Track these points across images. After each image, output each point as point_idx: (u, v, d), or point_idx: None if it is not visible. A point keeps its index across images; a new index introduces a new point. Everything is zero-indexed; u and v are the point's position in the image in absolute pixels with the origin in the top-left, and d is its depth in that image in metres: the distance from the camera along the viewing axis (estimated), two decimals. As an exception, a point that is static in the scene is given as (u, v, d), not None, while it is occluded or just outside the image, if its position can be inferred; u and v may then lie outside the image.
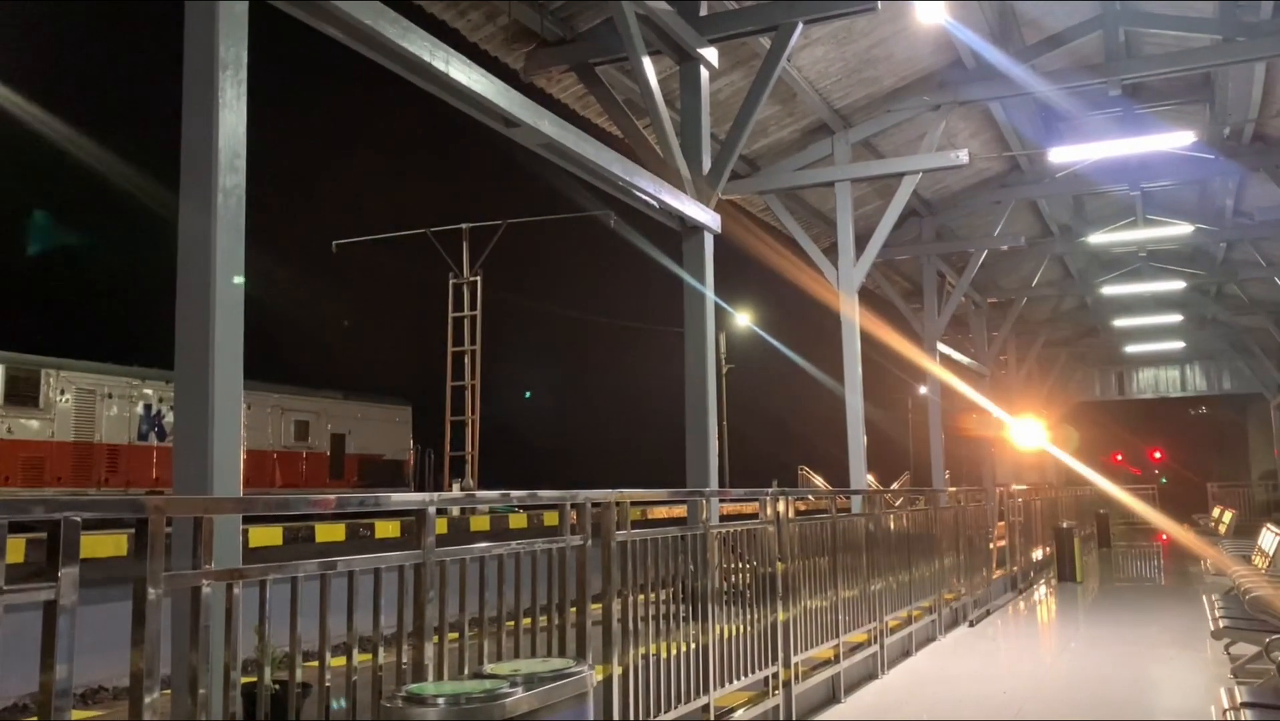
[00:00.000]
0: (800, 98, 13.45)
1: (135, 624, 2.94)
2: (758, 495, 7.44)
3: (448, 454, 25.74)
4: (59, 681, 2.71)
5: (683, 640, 5.76)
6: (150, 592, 2.93)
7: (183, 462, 4.41)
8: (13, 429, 19.50)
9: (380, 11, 5.69)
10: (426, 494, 4.17)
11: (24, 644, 2.94)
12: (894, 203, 13.75)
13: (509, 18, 10.08)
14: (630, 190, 9.05)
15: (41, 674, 2.72)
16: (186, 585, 3.14)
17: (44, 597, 2.71)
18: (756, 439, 36.90)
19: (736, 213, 15.62)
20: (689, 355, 9.73)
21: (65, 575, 2.72)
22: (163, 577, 2.99)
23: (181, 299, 4.54)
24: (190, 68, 4.64)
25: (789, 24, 10.07)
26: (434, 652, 3.99)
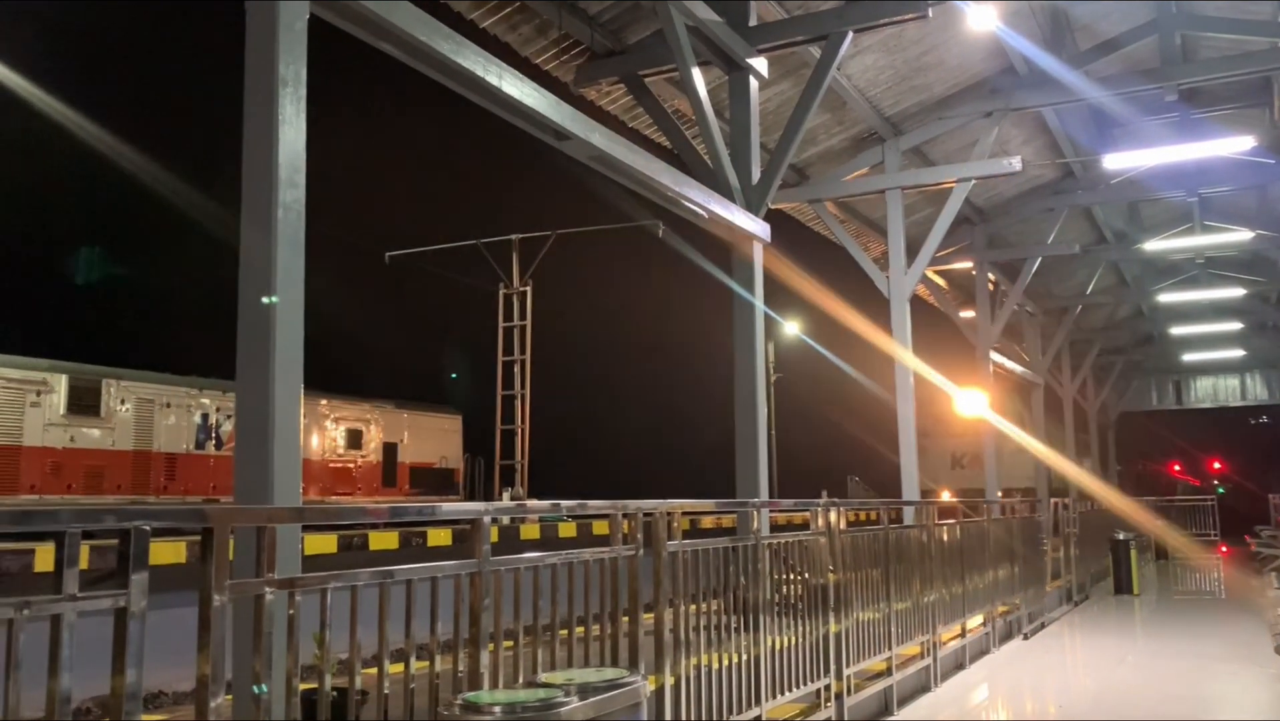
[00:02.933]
0: (850, 106, 13.41)
1: (201, 629, 3.01)
2: (808, 505, 7.41)
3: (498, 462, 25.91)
4: (129, 685, 2.79)
5: (734, 651, 5.76)
6: (215, 600, 3.00)
7: (244, 472, 4.50)
8: (75, 438, 19.95)
9: (435, 28, 5.78)
10: (482, 504, 4.22)
11: (79, 649, 3.01)
12: (945, 210, 13.65)
13: (559, 31, 10.18)
14: (679, 201, 9.08)
15: (113, 678, 2.80)
16: (250, 593, 3.20)
17: (115, 604, 2.80)
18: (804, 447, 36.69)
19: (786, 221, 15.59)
20: (738, 365, 9.73)
21: (135, 582, 2.80)
22: (227, 586, 3.06)
23: (243, 312, 4.64)
24: (251, 85, 4.75)
25: (839, 33, 10.06)
26: (489, 661, 4.03)
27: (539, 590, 4.45)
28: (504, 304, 26.03)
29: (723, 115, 10.71)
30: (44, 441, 19.33)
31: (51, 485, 19.23)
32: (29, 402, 19.14)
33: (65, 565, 2.69)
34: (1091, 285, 24.04)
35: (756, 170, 10.20)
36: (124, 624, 2.79)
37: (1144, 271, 24.86)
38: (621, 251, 39.01)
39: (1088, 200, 18.65)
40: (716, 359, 14.57)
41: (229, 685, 3.13)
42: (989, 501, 13.04)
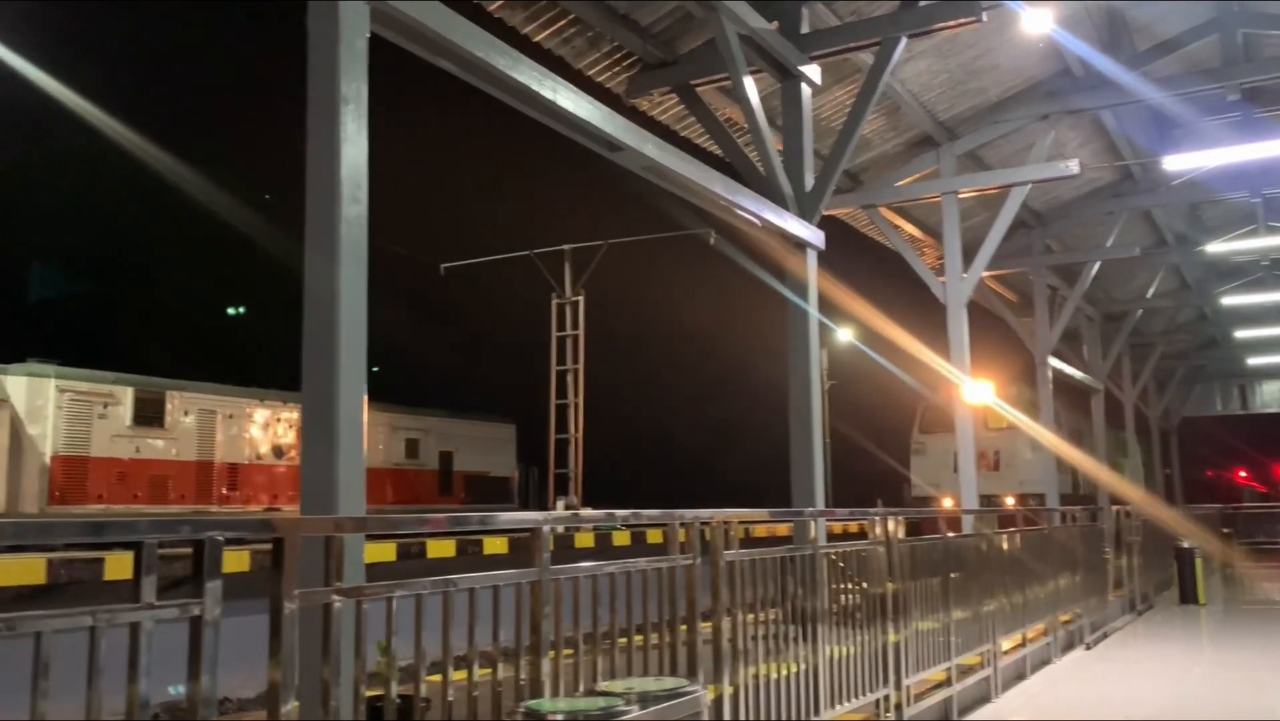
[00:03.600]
0: (904, 111, 13.34)
1: (272, 637, 3.08)
2: (865, 515, 7.37)
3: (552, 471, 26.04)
4: (204, 691, 2.86)
5: (793, 660, 5.74)
6: (286, 608, 3.07)
7: (310, 483, 4.58)
8: (140, 448, 20.41)
9: (491, 44, 5.86)
10: (541, 513, 4.26)
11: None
12: (1002, 215, 13.51)
13: (611, 43, 10.25)
14: (732, 209, 9.09)
15: (188, 683, 2.87)
16: (318, 601, 3.27)
17: (190, 613, 2.87)
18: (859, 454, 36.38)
19: (839, 227, 15.53)
20: (793, 373, 9.70)
21: (210, 591, 2.87)
22: (296, 594, 3.12)
23: (308, 326, 4.73)
24: (313, 103, 4.86)
25: (892, 38, 10.01)
26: (550, 668, 4.07)
27: (597, 598, 4.48)
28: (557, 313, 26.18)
29: (775, 123, 10.70)
30: (111, 452, 19.79)
31: (118, 495, 19.68)
32: (96, 415, 19.62)
33: (143, 574, 2.77)
34: (1152, 288, 23.61)
35: (810, 177, 10.18)
36: (199, 631, 2.86)
37: (1206, 274, 24.37)
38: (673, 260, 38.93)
39: (1148, 202, 18.35)
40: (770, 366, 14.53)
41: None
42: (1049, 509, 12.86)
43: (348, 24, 4.82)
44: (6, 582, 8.64)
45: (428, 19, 5.34)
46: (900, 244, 14.91)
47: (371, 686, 3.61)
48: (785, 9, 10.15)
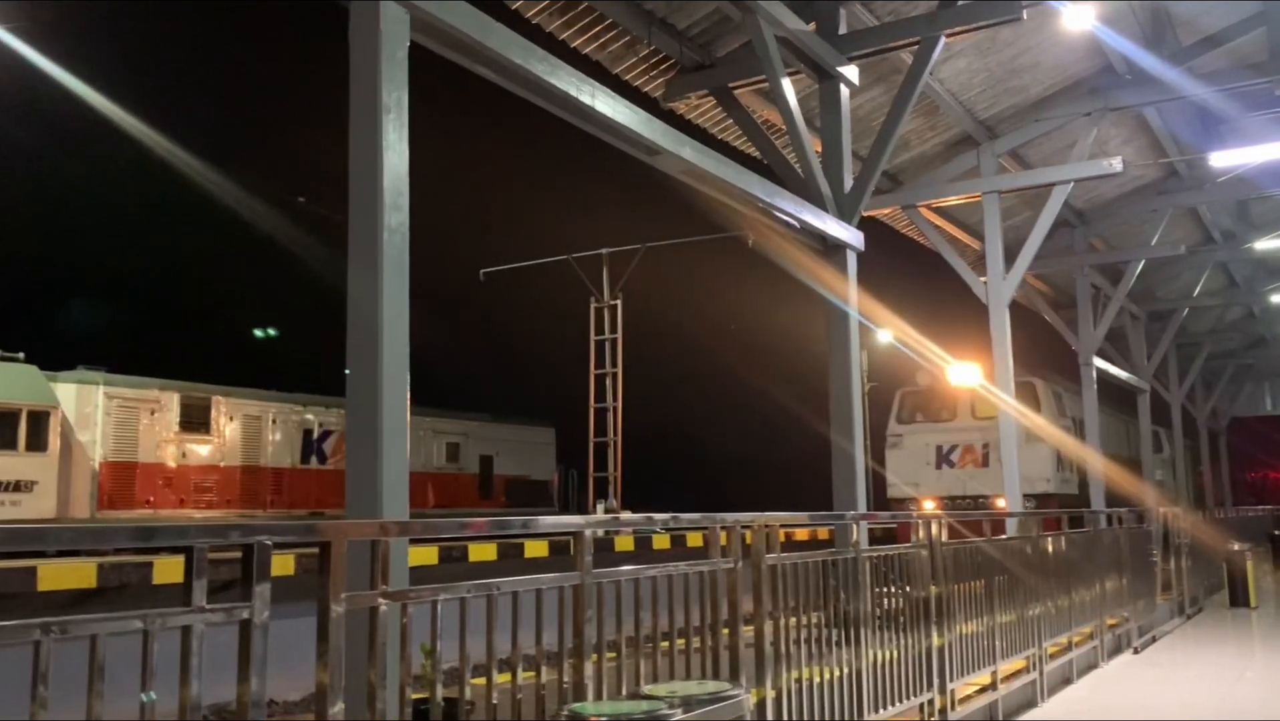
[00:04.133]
0: (943, 110, 13.24)
1: (320, 640, 3.12)
2: (907, 518, 7.33)
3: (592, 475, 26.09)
4: (254, 693, 2.91)
5: (835, 664, 5.72)
6: (333, 611, 3.11)
7: (355, 487, 4.63)
8: (186, 453, 20.71)
9: (530, 51, 5.90)
10: (583, 517, 4.28)
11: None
12: (1044, 214, 13.38)
13: (648, 47, 10.27)
14: (771, 211, 9.07)
15: (238, 685, 2.92)
16: (364, 605, 3.30)
17: (240, 616, 2.92)
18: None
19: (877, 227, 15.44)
20: (834, 376, 9.66)
21: (259, 594, 2.92)
22: (343, 597, 3.16)
23: (351, 331, 4.79)
24: (355, 112, 4.92)
25: (931, 38, 9.95)
26: (593, 672, 4.08)
27: (639, 602, 4.49)
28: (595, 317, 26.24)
29: (813, 124, 10.67)
30: (158, 457, 20.10)
31: (165, 499, 19.98)
32: (143, 421, 19.93)
33: (194, 578, 2.82)
34: (1199, 287, 23.24)
35: (849, 178, 10.13)
36: (249, 634, 2.91)
37: (1255, 271, 23.95)
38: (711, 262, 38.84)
39: (1193, 200, 18.08)
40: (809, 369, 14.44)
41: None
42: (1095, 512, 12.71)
43: (389, 33, 4.87)
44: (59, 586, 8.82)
45: (467, 27, 5.39)
46: (940, 244, 14.80)
47: (416, 689, 3.64)
48: (823, 10, 10.12)
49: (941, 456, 22.75)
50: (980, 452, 22.02)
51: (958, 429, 22.58)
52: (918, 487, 22.43)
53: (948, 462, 22.62)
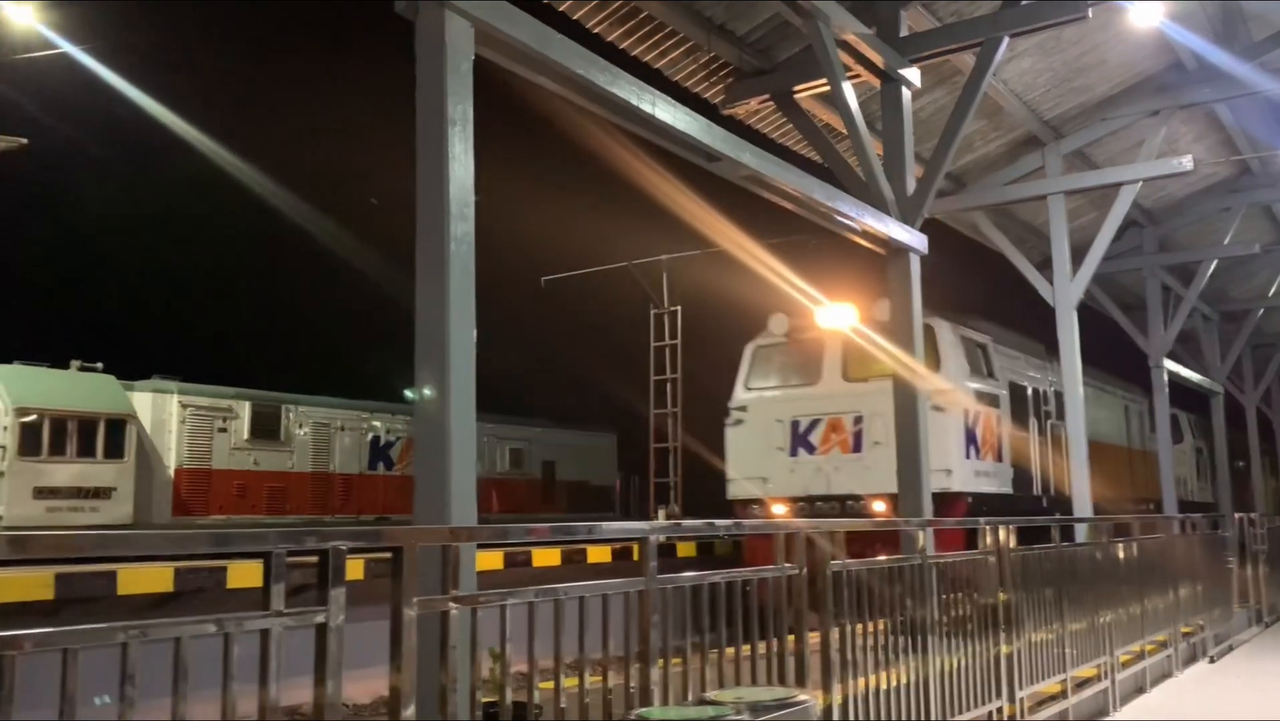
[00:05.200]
0: (1007, 110, 13.08)
1: (393, 643, 3.19)
2: (974, 524, 7.25)
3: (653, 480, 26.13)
4: (329, 696, 2.98)
5: (902, 671, 5.68)
6: (406, 615, 3.18)
7: (424, 494, 4.71)
8: (259, 460, 21.16)
9: (591, 61, 5.96)
10: (647, 523, 4.32)
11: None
12: (1112, 214, 13.14)
13: (708, 54, 10.29)
14: (832, 215, 9.02)
15: (315, 688, 2.99)
16: (435, 609, 3.37)
17: (315, 620, 2.99)
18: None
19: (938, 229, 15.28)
20: (897, 381, 9.59)
21: (334, 598, 2.99)
22: (415, 602, 3.23)
23: (419, 340, 4.87)
24: (422, 125, 5.01)
25: (994, 39, 9.84)
26: (659, 677, 4.11)
27: (704, 608, 4.51)
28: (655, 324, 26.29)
29: (875, 127, 10.60)
30: (230, 465, 20.56)
31: (238, 506, 20.43)
32: (216, 428, 20.41)
33: (273, 583, 2.90)
34: (1275, 286, 22.62)
35: (912, 181, 10.05)
36: (324, 637, 2.98)
37: (1334, 270, 23.27)
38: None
39: (1268, 197, 17.62)
40: (873, 373, 14.23)
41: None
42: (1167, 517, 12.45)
43: (453, 47, 4.95)
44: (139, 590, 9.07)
45: (531, 39, 5.46)
46: (1005, 246, 14.61)
47: (484, 692, 3.70)
48: (883, 13, 10.05)
49: (796, 436, 14.90)
50: (850, 431, 14.46)
51: (820, 396, 14.83)
52: (765, 484, 14.93)
53: (804, 445, 14.79)
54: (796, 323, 15.07)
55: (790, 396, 15.15)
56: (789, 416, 14.98)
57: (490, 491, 26.11)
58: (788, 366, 15.50)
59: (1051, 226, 13.64)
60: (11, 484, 17.47)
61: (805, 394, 15.02)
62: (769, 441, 15.01)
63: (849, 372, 14.71)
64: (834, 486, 14.37)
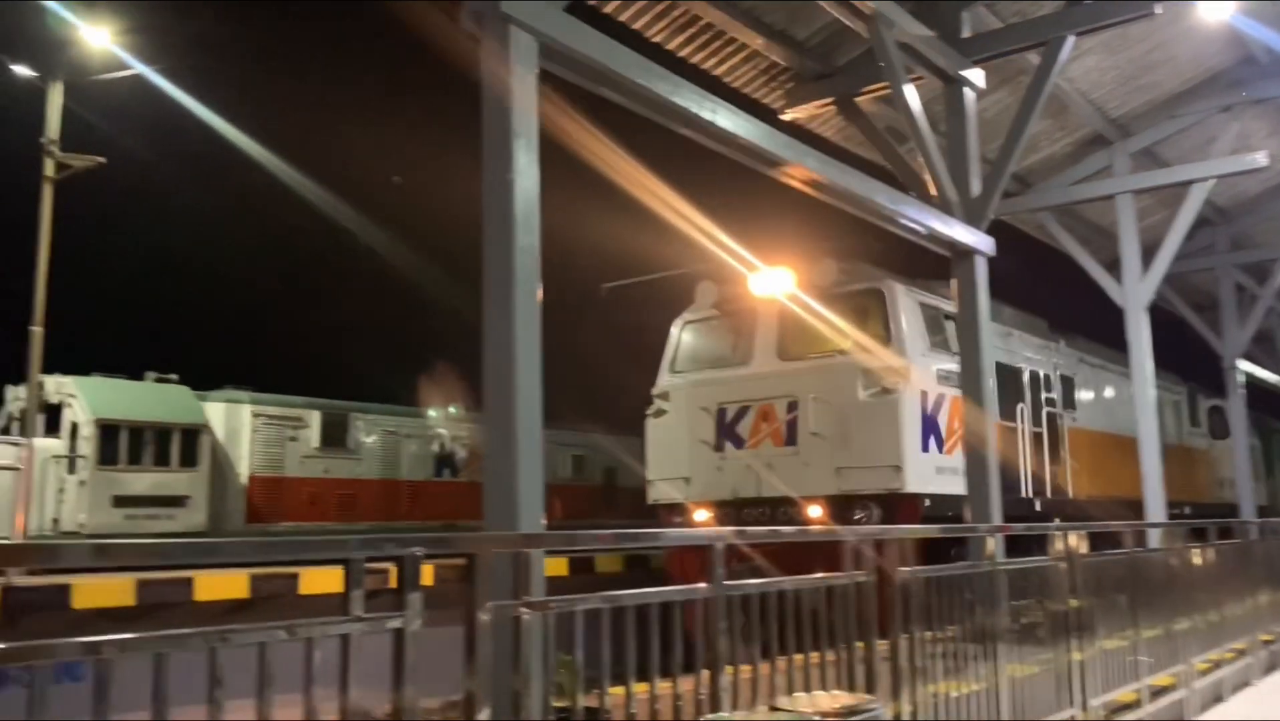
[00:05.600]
0: (1072, 110, 12.89)
1: (467, 648, 3.26)
2: (1045, 530, 7.16)
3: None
4: (406, 700, 3.05)
5: (973, 679, 5.63)
6: (479, 620, 3.24)
7: (493, 501, 4.79)
8: (329, 468, 21.54)
9: (652, 71, 6.01)
10: (713, 530, 4.33)
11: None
12: (1183, 213, 12.90)
13: (767, 60, 10.29)
14: (896, 219, 8.97)
15: (393, 692, 3.07)
16: (508, 615, 3.43)
17: (392, 625, 3.07)
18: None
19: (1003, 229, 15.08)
20: (965, 386, 9.48)
21: (410, 603, 3.06)
22: (489, 607, 3.29)
23: (487, 349, 4.95)
24: (488, 139, 5.09)
25: (1059, 38, 9.72)
26: (729, 683, 4.13)
27: (772, 615, 4.51)
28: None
29: (938, 129, 10.51)
30: (301, 472, 20.96)
31: (308, 513, 20.80)
32: (287, 437, 20.82)
33: (352, 589, 2.98)
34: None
35: (977, 183, 9.95)
36: (401, 642, 3.05)
37: None
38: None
39: (1347, 193, 17.13)
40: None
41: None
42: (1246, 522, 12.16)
43: (518, 62, 5.03)
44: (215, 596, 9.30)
45: (593, 52, 5.53)
46: (1072, 246, 14.39)
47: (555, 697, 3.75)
48: (945, 14, 9.98)
49: (723, 428, 12.26)
50: (783, 420, 11.76)
51: (751, 379, 12.19)
52: (687, 485, 12.31)
53: (732, 438, 12.17)
54: (729, 291, 12.39)
55: (717, 380, 12.31)
56: (715, 404, 12.13)
57: (553, 498, 26.22)
58: (717, 344, 12.80)
59: (1120, 226, 13.41)
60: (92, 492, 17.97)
61: (734, 376, 12.22)
62: (693, 434, 12.22)
63: (785, 350, 12.00)
64: (765, 487, 11.43)
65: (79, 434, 18.33)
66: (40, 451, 16.68)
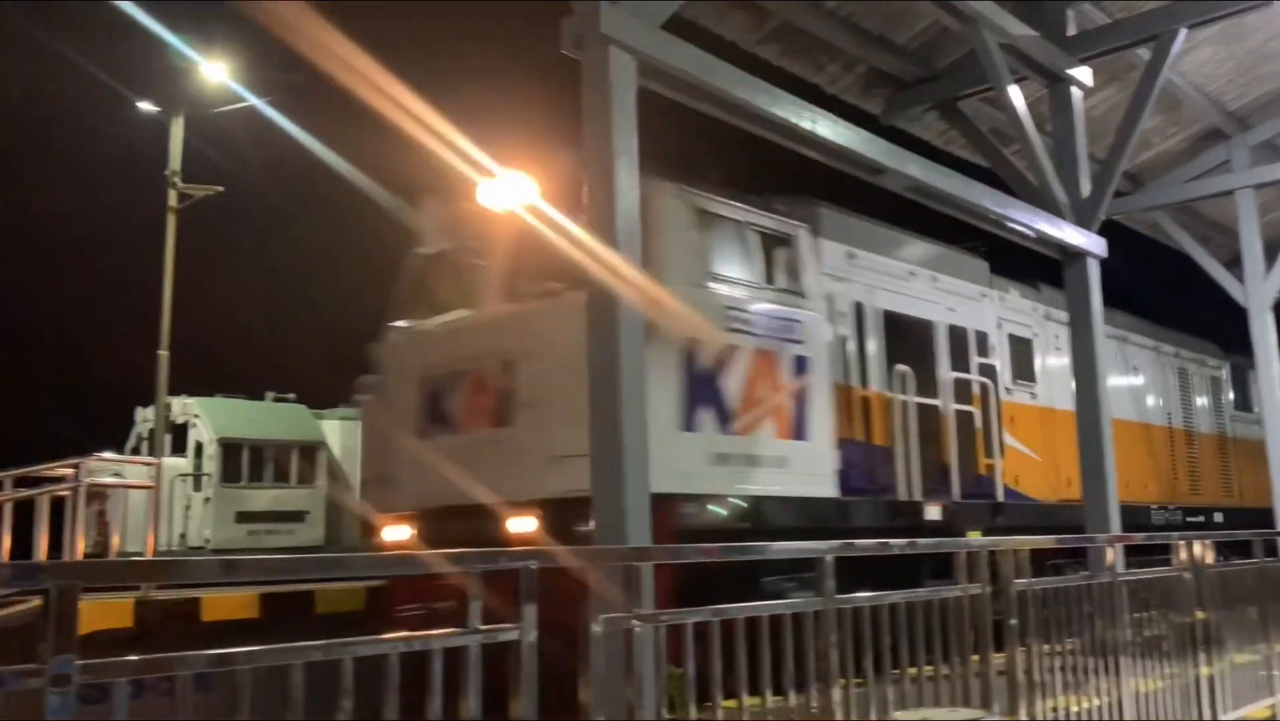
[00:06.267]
0: (1186, 104, 12.46)
1: (581, 660, 3.31)
2: (1167, 540, 6.93)
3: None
4: (524, 711, 3.11)
5: (1094, 694, 5.48)
6: (593, 632, 3.29)
7: (602, 514, 4.84)
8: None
9: (752, 84, 6.03)
10: (823, 542, 4.31)
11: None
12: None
13: (867, 66, 10.21)
14: (1002, 223, 8.80)
15: (510, 702, 3.14)
16: (619, 626, 3.47)
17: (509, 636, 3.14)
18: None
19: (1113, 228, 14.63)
20: (1080, 393, 9.22)
21: (527, 614, 3.13)
22: (601, 619, 3.34)
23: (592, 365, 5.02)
24: (590, 157, 5.18)
25: (1170, 31, 9.43)
26: (840, 697, 4.10)
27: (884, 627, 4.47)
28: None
29: (1044, 129, 10.27)
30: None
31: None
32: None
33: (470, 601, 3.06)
34: None
35: (1086, 183, 9.69)
36: (519, 653, 3.12)
37: None
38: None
39: None
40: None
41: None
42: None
43: (617, 81, 5.10)
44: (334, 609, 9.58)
45: (692, 68, 5.57)
46: (1189, 245, 13.90)
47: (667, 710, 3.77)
48: (1050, 12, 9.76)
49: (430, 403, 8.51)
50: (494, 389, 7.98)
51: (466, 333, 8.44)
52: (390, 487, 8.48)
53: (440, 420, 8.40)
54: (464, 212, 8.50)
55: (428, 338, 8.54)
56: (420, 373, 8.41)
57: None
58: (444, 287, 8.92)
59: (1240, 223, 12.91)
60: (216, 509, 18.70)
61: (446, 331, 8.48)
62: (401, 416, 8.45)
63: (514, 289, 8.12)
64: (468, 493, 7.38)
65: (203, 452, 19.09)
66: (167, 470, 17.40)
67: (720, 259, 7.95)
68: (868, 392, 8.93)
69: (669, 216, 7.61)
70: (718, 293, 7.73)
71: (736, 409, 7.62)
